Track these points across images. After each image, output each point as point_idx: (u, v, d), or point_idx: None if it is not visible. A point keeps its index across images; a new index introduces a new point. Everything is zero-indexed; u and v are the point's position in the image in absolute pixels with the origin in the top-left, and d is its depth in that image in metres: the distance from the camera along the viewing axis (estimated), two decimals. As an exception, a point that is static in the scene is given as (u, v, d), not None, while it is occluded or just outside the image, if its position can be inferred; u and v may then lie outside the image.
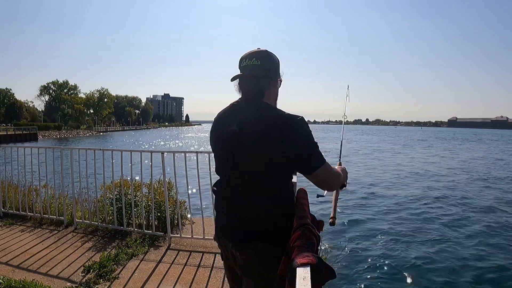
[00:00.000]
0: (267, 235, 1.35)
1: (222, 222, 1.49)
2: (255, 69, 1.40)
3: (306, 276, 0.85)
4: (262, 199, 1.36)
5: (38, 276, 2.93)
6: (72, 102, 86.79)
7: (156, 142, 45.63)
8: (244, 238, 1.37)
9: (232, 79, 1.44)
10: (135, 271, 3.07)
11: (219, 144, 1.47)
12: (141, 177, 3.92)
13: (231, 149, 1.39)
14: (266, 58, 1.43)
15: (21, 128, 50.41)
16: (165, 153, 3.71)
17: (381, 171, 17.46)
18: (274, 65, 1.47)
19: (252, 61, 1.41)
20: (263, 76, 1.42)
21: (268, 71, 1.44)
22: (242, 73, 1.43)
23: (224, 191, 1.47)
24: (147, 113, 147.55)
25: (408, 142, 49.34)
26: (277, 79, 1.48)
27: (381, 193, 11.50)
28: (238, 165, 1.38)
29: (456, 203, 10.11)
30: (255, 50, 1.45)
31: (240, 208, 1.40)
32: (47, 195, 4.46)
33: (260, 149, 1.32)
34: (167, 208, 3.74)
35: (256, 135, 1.33)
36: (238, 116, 1.40)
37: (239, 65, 1.46)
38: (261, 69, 1.41)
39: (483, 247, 6.35)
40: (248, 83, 1.43)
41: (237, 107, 1.46)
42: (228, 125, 1.41)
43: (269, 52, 1.46)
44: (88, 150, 4.11)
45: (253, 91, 1.43)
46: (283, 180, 1.41)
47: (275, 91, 1.49)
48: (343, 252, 6.01)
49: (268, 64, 1.44)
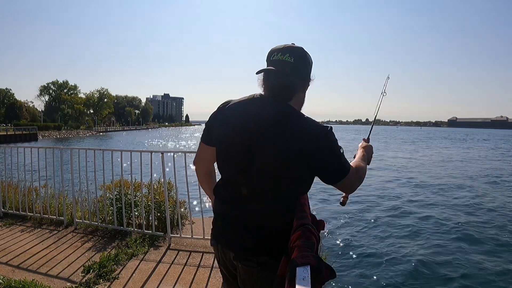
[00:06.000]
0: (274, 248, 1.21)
1: (223, 228, 1.35)
2: (287, 66, 1.23)
3: (306, 276, 0.85)
4: (271, 208, 1.24)
5: (38, 276, 2.93)
6: (72, 102, 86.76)
7: (157, 142, 45.63)
8: (248, 250, 1.25)
9: (258, 72, 1.26)
10: (135, 271, 3.07)
11: (230, 140, 1.29)
12: (141, 177, 3.92)
13: (244, 149, 1.24)
14: (301, 56, 1.27)
15: (21, 128, 50.37)
16: (165, 153, 3.72)
17: (381, 171, 17.45)
18: (308, 66, 1.31)
19: (285, 57, 1.23)
20: (295, 76, 1.26)
21: (301, 72, 1.28)
22: (272, 67, 1.24)
23: (227, 193, 1.34)
24: (147, 113, 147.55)
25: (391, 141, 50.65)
26: (308, 83, 1.34)
27: (382, 194, 11.51)
28: (249, 168, 1.23)
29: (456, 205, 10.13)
30: (289, 45, 1.28)
31: (245, 216, 1.27)
32: (47, 195, 4.46)
33: (278, 155, 1.19)
34: (167, 208, 3.74)
35: (276, 139, 1.19)
36: (258, 114, 1.24)
37: (268, 58, 1.28)
38: (294, 69, 1.24)
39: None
40: (277, 80, 1.25)
41: (258, 102, 1.29)
42: (245, 121, 1.26)
43: (305, 50, 1.29)
44: (88, 150, 4.11)
45: (280, 90, 1.26)
46: (299, 191, 1.29)
47: (303, 96, 1.34)
48: (343, 252, 6.01)
49: (302, 64, 1.28)
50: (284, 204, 1.25)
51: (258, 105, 1.28)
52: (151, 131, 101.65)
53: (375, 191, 11.91)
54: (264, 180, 1.23)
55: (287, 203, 1.26)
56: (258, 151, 1.21)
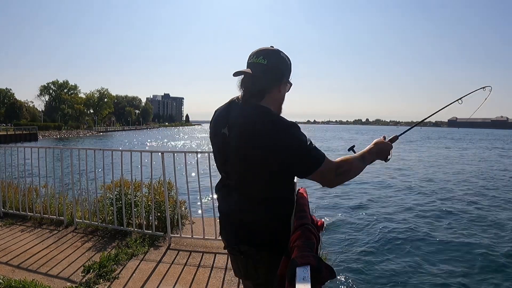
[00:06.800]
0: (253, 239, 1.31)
1: (221, 223, 1.48)
2: (260, 68, 1.29)
3: (306, 276, 0.85)
4: (249, 204, 1.33)
5: (38, 276, 2.93)
6: (72, 102, 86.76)
7: (158, 141, 45.64)
8: (231, 241, 1.39)
9: (235, 74, 1.31)
10: (135, 271, 3.07)
11: (214, 145, 1.44)
12: (141, 177, 3.92)
13: (222, 152, 1.36)
14: (274, 58, 1.32)
15: (21, 128, 50.37)
16: (165, 153, 3.72)
17: (381, 171, 17.44)
18: (283, 67, 1.35)
19: (258, 59, 1.30)
20: (267, 78, 1.31)
21: (274, 73, 1.32)
22: (246, 70, 1.31)
23: (219, 192, 1.48)
24: (147, 113, 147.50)
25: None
26: (283, 83, 1.37)
27: (382, 193, 11.51)
28: (228, 168, 1.37)
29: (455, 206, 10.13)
30: (265, 48, 1.34)
31: (228, 212, 1.40)
32: (47, 195, 4.47)
33: (246, 156, 1.26)
34: (167, 208, 3.74)
35: (244, 140, 1.26)
36: (231, 118, 1.34)
37: (247, 61, 1.35)
38: (266, 70, 1.29)
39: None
40: (249, 82, 1.31)
41: (233, 106, 1.38)
42: (221, 126, 1.36)
43: (280, 52, 1.34)
44: (88, 150, 4.11)
45: (252, 91, 1.31)
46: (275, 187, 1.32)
47: (279, 95, 1.37)
48: (343, 252, 6.01)
49: (276, 65, 1.32)
50: (261, 201, 1.32)
51: (231, 109, 1.37)
52: (151, 131, 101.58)
53: (376, 191, 11.92)
54: (240, 179, 1.34)
55: (264, 200, 1.32)
56: (231, 153, 1.32)
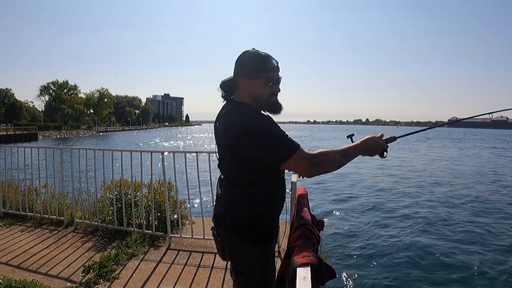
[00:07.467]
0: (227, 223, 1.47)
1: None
2: (235, 68, 1.49)
3: (306, 276, 0.85)
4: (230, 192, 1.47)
5: (38, 276, 2.93)
6: (72, 102, 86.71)
7: (158, 141, 45.65)
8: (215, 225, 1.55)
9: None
10: (135, 271, 3.07)
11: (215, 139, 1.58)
12: (141, 177, 3.92)
13: (218, 144, 1.52)
14: (242, 57, 1.47)
15: (21, 128, 50.33)
16: (165, 153, 3.71)
17: (381, 172, 17.45)
18: (249, 62, 1.46)
19: (236, 62, 1.49)
20: (237, 75, 1.48)
21: (242, 70, 1.47)
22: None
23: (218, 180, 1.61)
24: (147, 113, 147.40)
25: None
26: (250, 76, 1.45)
27: (382, 193, 11.50)
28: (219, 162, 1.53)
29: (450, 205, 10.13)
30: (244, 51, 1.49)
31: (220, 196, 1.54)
32: (47, 195, 4.47)
33: (226, 148, 1.42)
34: (167, 208, 3.74)
35: (223, 131, 1.41)
36: (221, 113, 1.52)
37: None
38: (236, 69, 1.48)
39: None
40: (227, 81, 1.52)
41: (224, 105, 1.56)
42: (216, 121, 1.54)
43: (248, 51, 1.47)
44: (88, 150, 4.11)
45: (226, 88, 1.51)
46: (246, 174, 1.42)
47: (250, 89, 1.46)
48: (343, 252, 6.00)
49: (242, 62, 1.47)
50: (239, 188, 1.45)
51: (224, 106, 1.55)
52: (151, 131, 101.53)
53: (376, 190, 11.91)
54: (223, 169, 1.51)
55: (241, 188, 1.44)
56: (220, 149, 1.50)
